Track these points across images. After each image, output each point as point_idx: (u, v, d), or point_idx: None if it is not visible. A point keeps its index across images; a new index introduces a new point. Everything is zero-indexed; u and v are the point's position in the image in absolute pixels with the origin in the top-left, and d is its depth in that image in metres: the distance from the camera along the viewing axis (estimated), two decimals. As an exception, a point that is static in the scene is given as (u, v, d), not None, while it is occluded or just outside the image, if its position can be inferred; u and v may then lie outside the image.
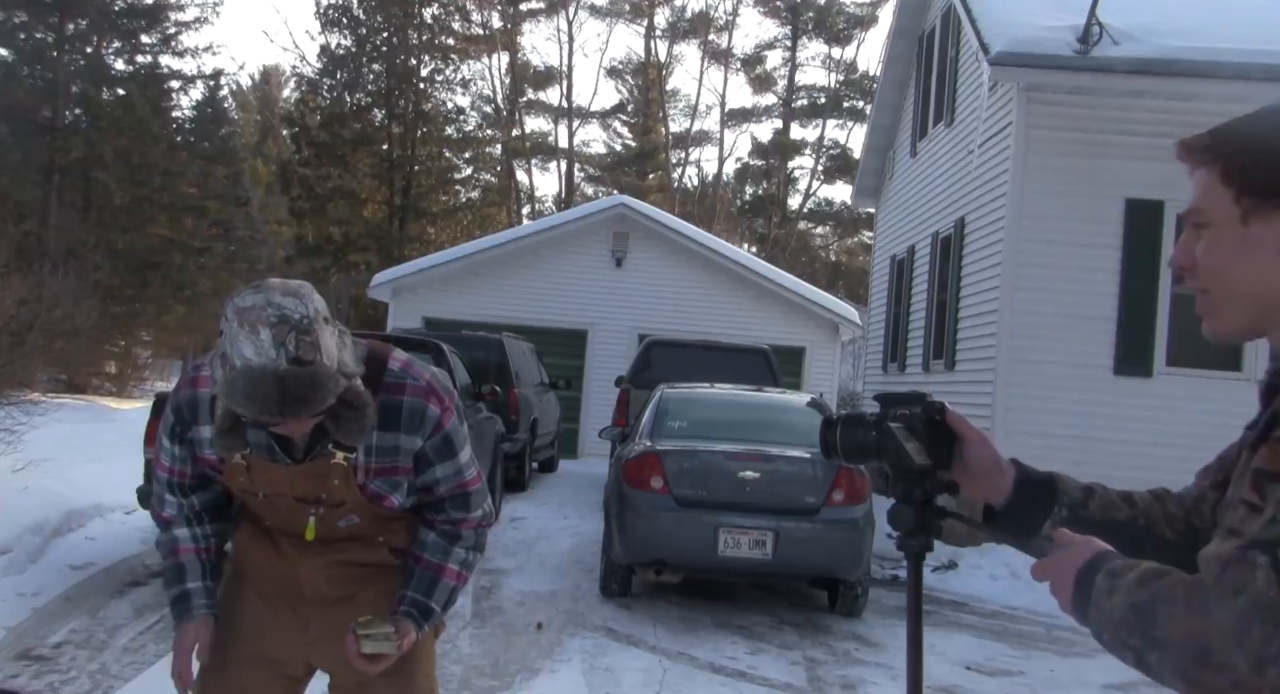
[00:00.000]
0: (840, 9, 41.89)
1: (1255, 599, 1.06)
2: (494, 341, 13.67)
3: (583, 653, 6.55)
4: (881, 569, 9.16)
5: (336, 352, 2.13)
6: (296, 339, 2.04)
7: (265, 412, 2.06)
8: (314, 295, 2.15)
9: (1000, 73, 10.38)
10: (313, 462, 2.34)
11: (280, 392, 2.02)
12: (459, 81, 35.66)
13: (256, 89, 49.04)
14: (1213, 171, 1.33)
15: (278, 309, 2.05)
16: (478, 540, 2.56)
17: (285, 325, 2.04)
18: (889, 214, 17.17)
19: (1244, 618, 1.07)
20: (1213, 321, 1.35)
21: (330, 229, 32.53)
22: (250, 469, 2.37)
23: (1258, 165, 1.28)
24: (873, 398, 1.71)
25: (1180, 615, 1.11)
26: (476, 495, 2.52)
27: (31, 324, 12.49)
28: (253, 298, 2.08)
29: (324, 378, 2.06)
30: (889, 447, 1.63)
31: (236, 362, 2.03)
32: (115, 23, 29.47)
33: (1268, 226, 1.27)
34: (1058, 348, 9.93)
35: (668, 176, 43.70)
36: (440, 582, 2.48)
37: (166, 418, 2.47)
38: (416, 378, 2.40)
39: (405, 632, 2.39)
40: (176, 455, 2.48)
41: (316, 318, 2.10)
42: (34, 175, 26.70)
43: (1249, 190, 1.28)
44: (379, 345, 2.45)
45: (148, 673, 5.52)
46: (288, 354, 2.03)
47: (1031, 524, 1.61)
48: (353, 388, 2.18)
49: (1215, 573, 1.11)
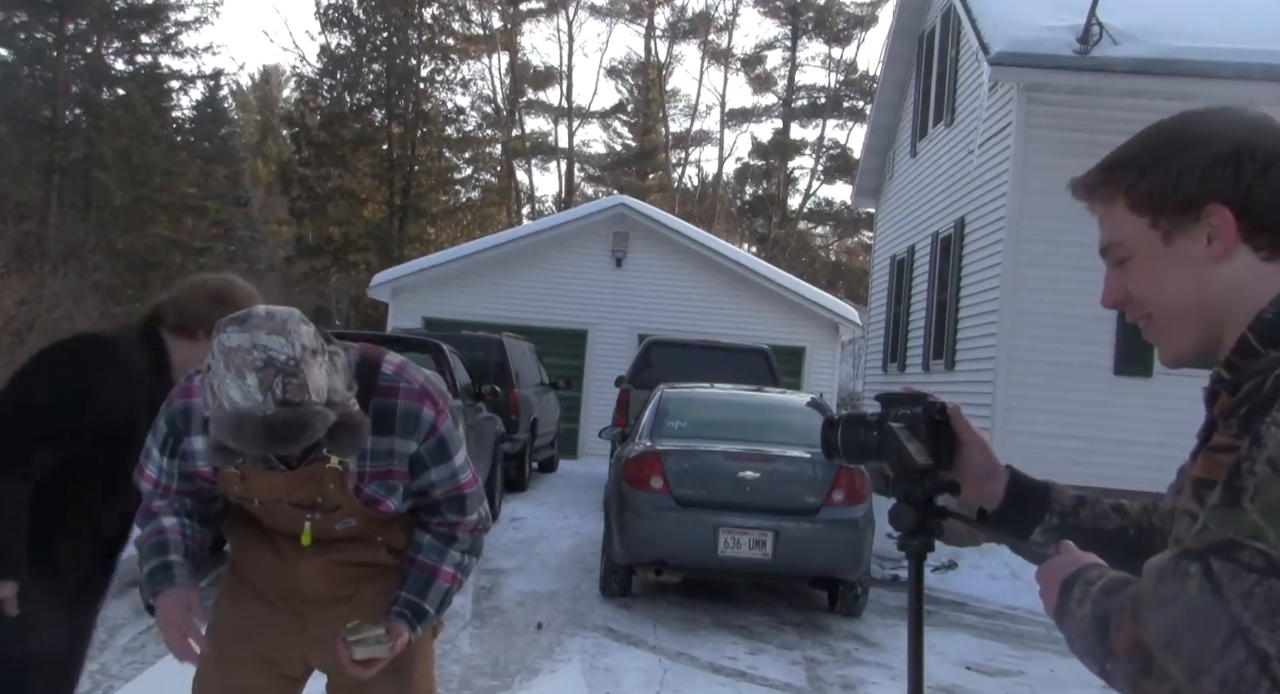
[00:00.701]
0: (840, 9, 41.90)
1: (1188, 607, 1.06)
2: (494, 341, 13.67)
3: (583, 653, 6.56)
4: (881, 569, 9.16)
5: (326, 383, 2.11)
6: (283, 382, 2.02)
7: (252, 450, 2.08)
8: (301, 327, 2.10)
9: (1000, 73, 10.39)
10: (307, 467, 2.33)
11: (267, 433, 2.02)
12: (459, 81, 35.71)
13: (256, 89, 49.02)
14: (1117, 204, 1.33)
15: (264, 351, 2.02)
16: (474, 544, 2.54)
17: (271, 369, 2.01)
18: (889, 214, 17.17)
19: (1177, 628, 1.06)
20: (1165, 347, 1.35)
21: (330, 229, 32.53)
22: (245, 478, 2.36)
23: (1164, 185, 1.28)
24: (874, 398, 1.71)
25: (1126, 625, 1.12)
26: (472, 498, 2.51)
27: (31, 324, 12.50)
28: (238, 337, 2.04)
29: (310, 418, 2.05)
30: (890, 447, 1.63)
31: (225, 403, 2.03)
32: (115, 23, 29.48)
33: (1190, 240, 1.27)
34: (1058, 348, 9.92)
35: (668, 176, 43.69)
36: (434, 583, 2.46)
37: (158, 428, 2.44)
38: (410, 381, 2.39)
39: (398, 633, 2.37)
40: (164, 468, 2.45)
41: (303, 355, 2.06)
42: (34, 175, 26.71)
43: (1163, 211, 1.29)
44: (372, 349, 2.44)
45: (148, 673, 5.53)
46: (275, 398, 2.01)
47: (1021, 531, 1.62)
48: (346, 410, 2.16)
49: (1152, 583, 1.11)
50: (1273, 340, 1.20)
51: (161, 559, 2.40)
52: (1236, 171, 1.25)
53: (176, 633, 2.33)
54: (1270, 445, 1.08)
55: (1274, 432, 1.08)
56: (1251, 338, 1.22)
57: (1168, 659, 1.07)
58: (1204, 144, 1.28)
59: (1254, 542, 1.05)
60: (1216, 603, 1.05)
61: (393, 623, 2.38)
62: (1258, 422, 1.10)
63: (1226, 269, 1.26)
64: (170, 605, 2.34)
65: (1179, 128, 1.32)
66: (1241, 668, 1.03)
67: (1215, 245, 1.26)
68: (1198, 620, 1.05)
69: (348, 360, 2.28)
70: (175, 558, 2.40)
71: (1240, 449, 1.11)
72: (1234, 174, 1.25)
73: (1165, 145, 1.31)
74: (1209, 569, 1.06)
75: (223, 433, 2.05)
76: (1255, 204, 1.25)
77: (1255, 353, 1.21)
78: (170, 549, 2.41)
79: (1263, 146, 1.26)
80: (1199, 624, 1.05)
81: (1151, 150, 1.32)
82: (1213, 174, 1.26)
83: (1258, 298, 1.24)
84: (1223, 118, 1.31)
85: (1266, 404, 1.11)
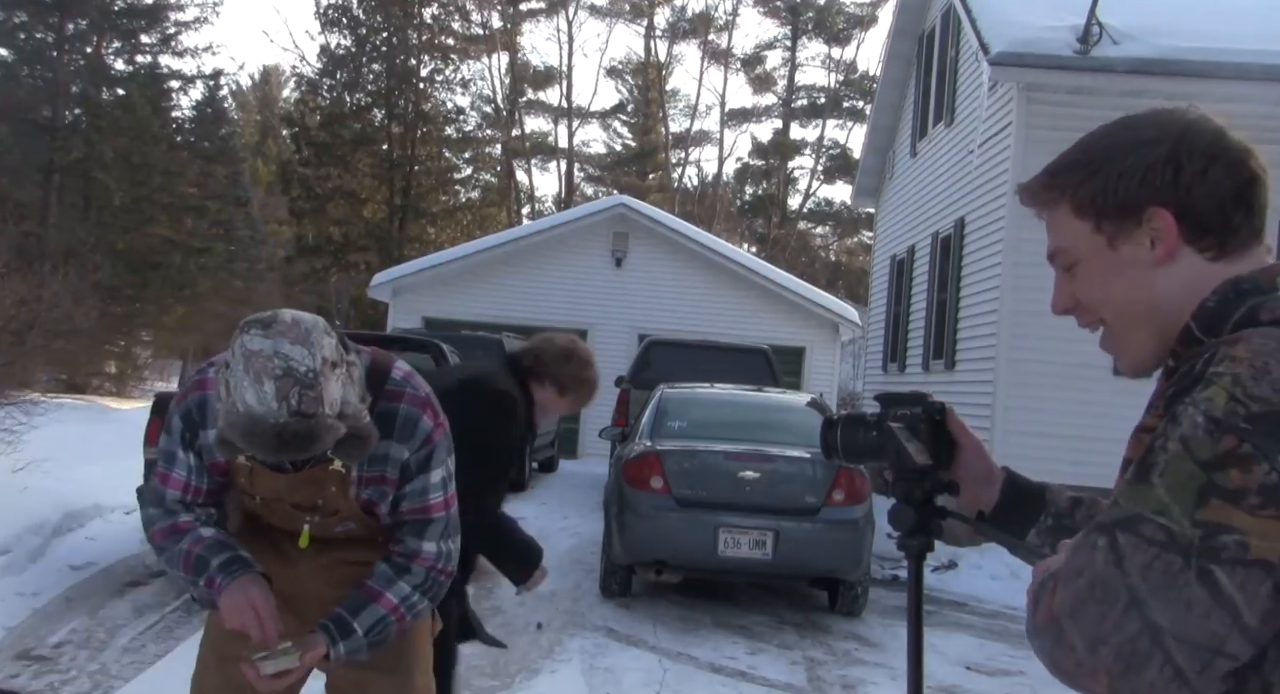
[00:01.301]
0: (840, 9, 41.90)
1: (1092, 579, 1.08)
2: (494, 342, 13.68)
3: (583, 653, 6.56)
4: (881, 569, 9.16)
5: (341, 395, 2.11)
6: (300, 394, 2.02)
7: (261, 455, 2.09)
8: (324, 339, 2.10)
9: (1000, 73, 10.39)
10: (310, 469, 2.34)
11: (278, 441, 2.03)
12: (459, 81, 35.68)
13: (256, 89, 49.04)
14: (1062, 209, 1.33)
15: (284, 360, 2.02)
16: (428, 581, 2.43)
17: (290, 378, 2.02)
18: (889, 214, 17.17)
19: (1081, 598, 1.08)
20: (1123, 357, 1.34)
21: (330, 229, 32.52)
22: (253, 471, 2.37)
23: (1107, 189, 1.28)
24: (873, 398, 1.71)
25: (1045, 598, 1.14)
26: (435, 525, 2.43)
27: (31, 324, 12.48)
28: (261, 342, 2.04)
29: (322, 431, 2.05)
30: (890, 447, 1.63)
31: (239, 406, 2.03)
32: (115, 23, 29.45)
33: (1135, 244, 1.27)
34: (1058, 348, 9.91)
35: (668, 176, 43.68)
36: (371, 607, 2.37)
37: (175, 428, 2.40)
38: (416, 389, 2.41)
39: (313, 645, 2.30)
40: (193, 467, 2.41)
41: (323, 368, 2.06)
42: (34, 175, 26.69)
43: (1107, 215, 1.28)
44: (383, 355, 2.44)
45: (148, 673, 5.52)
46: (289, 408, 2.01)
47: (1017, 532, 1.63)
48: (356, 422, 2.16)
49: (1067, 557, 1.13)
50: (1213, 328, 1.20)
51: (232, 553, 2.38)
52: (1176, 173, 1.24)
53: (250, 612, 2.28)
54: (1184, 424, 1.09)
55: (1190, 411, 1.09)
56: (1194, 326, 1.22)
57: (1071, 629, 1.09)
58: (1144, 147, 1.27)
59: (1158, 516, 1.07)
60: (1117, 574, 1.07)
61: (312, 636, 2.32)
62: (1178, 403, 1.12)
63: (1172, 272, 1.26)
64: (247, 585, 2.31)
65: (1119, 131, 1.31)
66: (1135, 640, 1.05)
67: (1158, 248, 1.26)
68: (1098, 591, 1.07)
69: (363, 369, 2.29)
70: (246, 554, 2.39)
71: (1159, 428, 1.12)
72: (1174, 176, 1.24)
73: (1106, 149, 1.30)
74: (1114, 542, 1.08)
75: (234, 433, 2.05)
76: (1195, 205, 1.24)
77: (1197, 341, 1.21)
78: (232, 545, 2.40)
79: (1200, 147, 1.25)
80: (1099, 595, 1.07)
81: (1093, 154, 1.31)
82: (1152, 176, 1.25)
83: None
84: (1161, 120, 1.30)
85: (1189, 386, 1.12)
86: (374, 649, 2.39)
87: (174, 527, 2.42)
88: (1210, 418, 1.07)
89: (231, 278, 30.97)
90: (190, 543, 2.40)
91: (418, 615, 2.44)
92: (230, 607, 2.31)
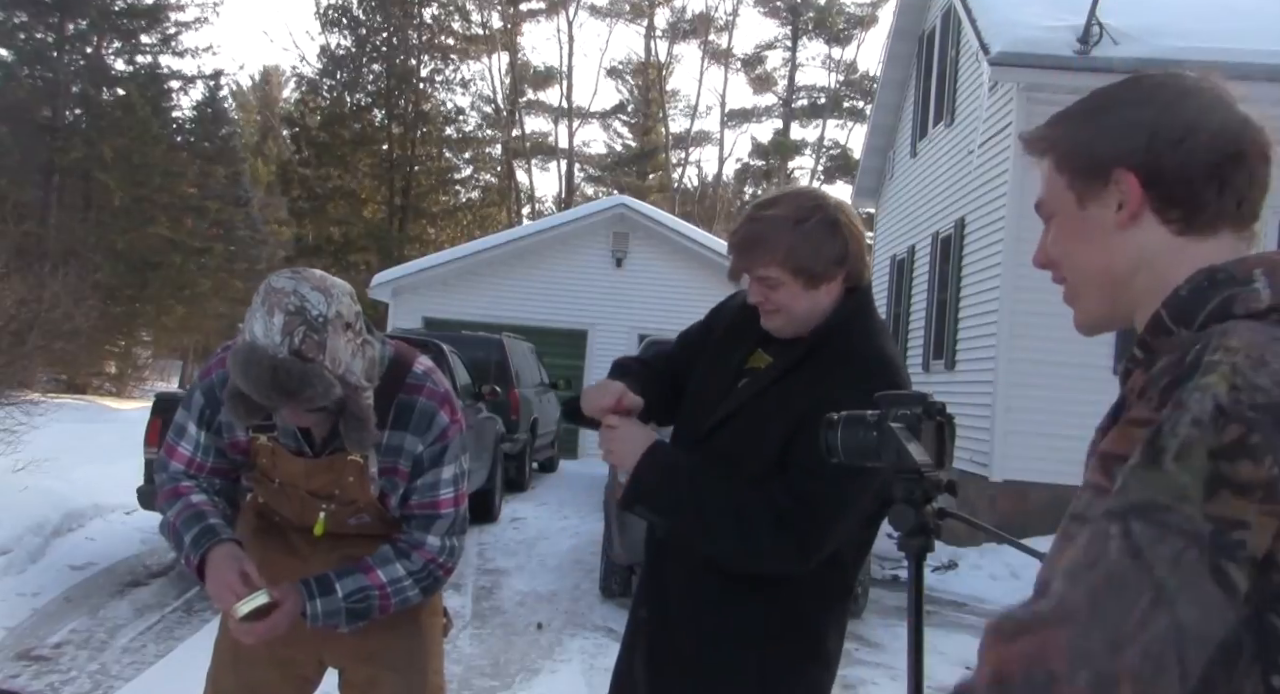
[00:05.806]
0: (840, 9, 41.90)
1: (1109, 572, 1.00)
2: (494, 341, 13.68)
3: (583, 653, 6.55)
4: (881, 569, 9.16)
5: (346, 358, 2.13)
6: (305, 335, 2.06)
7: (254, 392, 2.09)
8: (345, 298, 2.17)
9: (1000, 73, 10.39)
10: (329, 456, 2.35)
11: (272, 378, 2.05)
12: (459, 81, 35.78)
13: (256, 89, 49.06)
14: (1047, 161, 1.30)
15: (300, 299, 2.08)
16: (425, 572, 2.40)
17: (299, 317, 2.07)
18: (889, 214, 17.18)
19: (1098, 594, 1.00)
20: (1076, 312, 1.33)
21: (330, 229, 32.53)
22: (274, 452, 2.39)
23: (1078, 147, 1.26)
24: (874, 398, 1.71)
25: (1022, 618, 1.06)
26: (442, 521, 2.41)
27: (31, 324, 12.50)
28: (286, 281, 2.12)
29: (314, 378, 2.07)
30: (890, 447, 1.63)
31: (246, 336, 2.08)
32: (115, 23, 29.48)
33: (1102, 206, 1.24)
34: (1058, 348, 9.91)
35: (668, 176, 43.69)
36: (358, 576, 2.34)
37: (195, 403, 2.42)
38: (436, 384, 2.43)
39: (288, 593, 2.27)
40: (200, 443, 2.43)
41: (335, 319, 2.11)
42: (34, 175, 26.73)
43: (1079, 172, 1.26)
44: (407, 349, 2.47)
45: (148, 673, 5.52)
46: (290, 345, 2.05)
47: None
48: (354, 398, 2.17)
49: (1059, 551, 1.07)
50: (1185, 319, 1.16)
51: (202, 524, 2.36)
52: (1150, 138, 1.21)
53: (229, 593, 2.25)
54: (1194, 409, 1.03)
55: (1198, 395, 1.04)
56: (1165, 315, 1.18)
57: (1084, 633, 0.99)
58: (1129, 107, 1.24)
59: (1181, 504, 1.00)
60: (1137, 566, 0.99)
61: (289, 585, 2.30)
62: (1180, 390, 1.06)
63: (1133, 237, 1.23)
64: (220, 563, 2.29)
65: (1120, 90, 1.28)
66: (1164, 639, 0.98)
67: (1122, 212, 1.23)
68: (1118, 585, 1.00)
69: (380, 355, 2.32)
70: (215, 521, 2.38)
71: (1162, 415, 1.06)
72: (1147, 140, 1.21)
73: (1099, 106, 1.28)
74: (1128, 529, 1.01)
75: (234, 366, 2.09)
76: (1163, 173, 1.20)
77: (1168, 331, 1.17)
78: (208, 515, 2.39)
79: (1183, 116, 1.22)
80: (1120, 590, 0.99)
81: (1087, 109, 1.29)
82: (1126, 138, 1.22)
83: (1166, 273, 1.20)
84: (1159, 83, 1.26)
85: (1189, 373, 1.07)
86: (353, 621, 2.34)
87: (175, 490, 2.45)
88: (1217, 404, 1.03)
89: (231, 278, 30.99)
90: (175, 513, 2.41)
91: (405, 602, 2.40)
92: (213, 590, 2.31)
